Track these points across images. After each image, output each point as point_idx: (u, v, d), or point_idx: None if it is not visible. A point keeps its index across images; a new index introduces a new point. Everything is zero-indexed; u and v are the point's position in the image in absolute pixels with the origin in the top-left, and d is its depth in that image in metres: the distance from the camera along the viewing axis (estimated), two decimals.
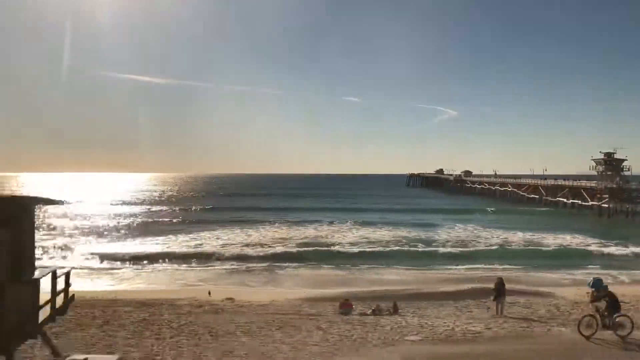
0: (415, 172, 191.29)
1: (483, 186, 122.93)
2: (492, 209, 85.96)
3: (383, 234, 57.51)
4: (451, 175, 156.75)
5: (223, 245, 48.01)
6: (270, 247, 48.74)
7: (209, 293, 27.17)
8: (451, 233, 56.43)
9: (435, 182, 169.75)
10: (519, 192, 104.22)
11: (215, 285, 33.08)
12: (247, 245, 49.69)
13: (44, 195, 10.83)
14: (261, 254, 44.44)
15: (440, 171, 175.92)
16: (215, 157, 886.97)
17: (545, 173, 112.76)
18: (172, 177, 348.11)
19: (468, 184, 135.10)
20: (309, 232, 61.08)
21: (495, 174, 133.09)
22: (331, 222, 68.55)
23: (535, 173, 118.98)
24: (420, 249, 45.64)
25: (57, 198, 11.74)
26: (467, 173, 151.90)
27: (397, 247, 45.84)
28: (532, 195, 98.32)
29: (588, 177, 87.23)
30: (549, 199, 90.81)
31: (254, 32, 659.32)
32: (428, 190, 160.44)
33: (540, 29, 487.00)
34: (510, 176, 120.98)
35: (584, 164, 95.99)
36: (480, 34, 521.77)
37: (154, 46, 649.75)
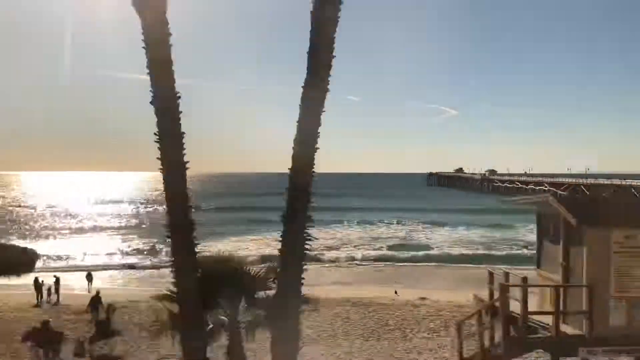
0: (434, 171, 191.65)
1: (515, 185, 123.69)
2: None
3: (463, 234, 58.30)
4: (475, 174, 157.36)
5: (324, 246, 47.70)
6: (371, 247, 49.42)
7: (396, 292, 27.48)
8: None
9: (456, 181, 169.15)
10: (557, 191, 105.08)
11: (361, 285, 33.27)
12: (342, 245, 50.33)
13: None
14: (372, 254, 45.11)
15: (460, 170, 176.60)
16: (215, 157, 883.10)
17: (588, 172, 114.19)
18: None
19: (496, 182, 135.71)
20: (386, 231, 61.50)
21: (526, 172, 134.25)
22: (399, 222, 69.07)
23: (572, 172, 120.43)
24: (528, 251, 46.37)
25: None
26: (492, 172, 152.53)
27: (506, 251, 46.82)
28: None
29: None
30: None
31: (254, 30, 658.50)
32: (451, 189, 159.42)
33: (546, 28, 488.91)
34: (546, 175, 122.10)
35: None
36: (481, 32, 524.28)
37: None
